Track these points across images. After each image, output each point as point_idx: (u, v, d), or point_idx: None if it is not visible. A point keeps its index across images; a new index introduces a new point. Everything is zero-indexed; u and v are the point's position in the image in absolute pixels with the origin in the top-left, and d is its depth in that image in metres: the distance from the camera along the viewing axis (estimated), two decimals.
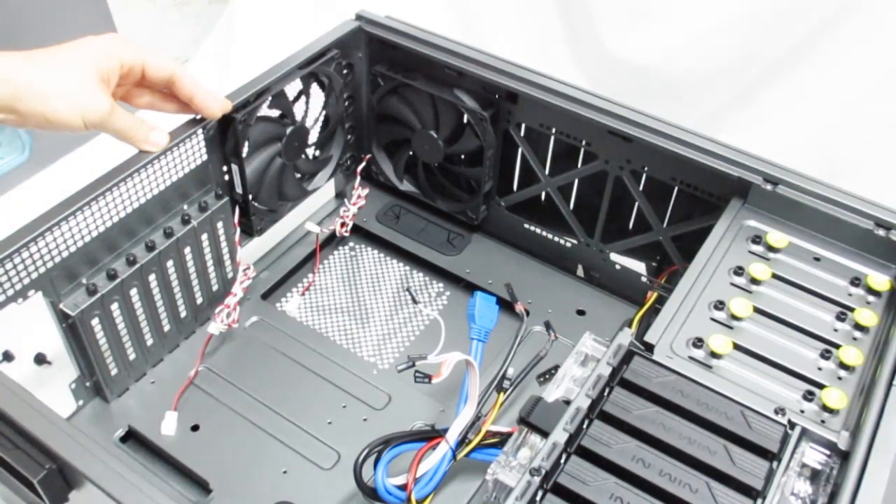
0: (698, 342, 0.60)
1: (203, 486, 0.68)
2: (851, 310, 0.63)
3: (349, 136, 0.90)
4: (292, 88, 0.79)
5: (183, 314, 0.77)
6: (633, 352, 0.59)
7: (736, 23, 1.11)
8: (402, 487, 0.62)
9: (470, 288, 0.86)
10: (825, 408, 0.56)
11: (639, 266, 0.84)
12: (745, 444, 0.53)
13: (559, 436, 0.53)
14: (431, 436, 0.64)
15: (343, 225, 0.91)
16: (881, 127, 1.06)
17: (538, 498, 0.51)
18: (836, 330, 0.62)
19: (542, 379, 0.76)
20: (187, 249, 0.73)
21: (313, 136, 0.84)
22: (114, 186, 0.65)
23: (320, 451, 0.71)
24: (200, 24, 1.47)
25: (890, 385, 0.56)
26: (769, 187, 0.68)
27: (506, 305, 0.77)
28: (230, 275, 0.80)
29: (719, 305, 0.63)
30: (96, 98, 0.61)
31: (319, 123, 0.85)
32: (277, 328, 0.81)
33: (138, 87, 0.68)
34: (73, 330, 0.66)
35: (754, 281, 0.65)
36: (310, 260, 0.90)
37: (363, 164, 0.94)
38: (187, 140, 0.70)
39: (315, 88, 0.82)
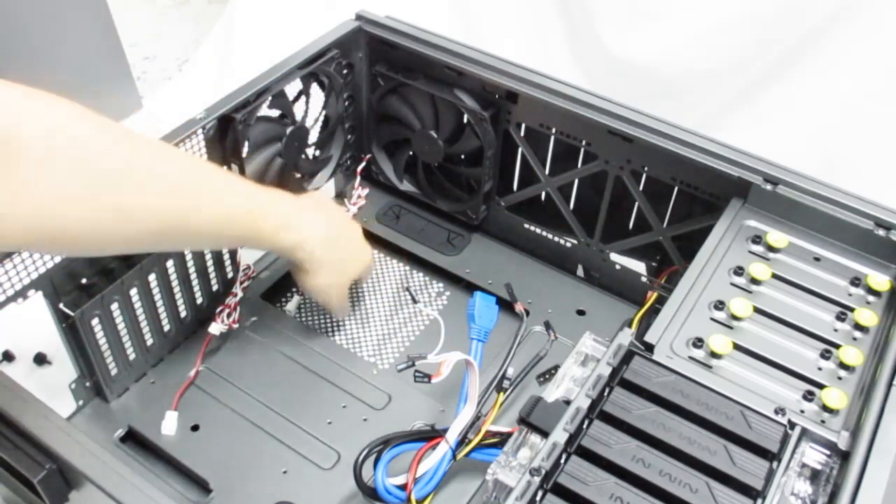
0: (698, 342, 0.60)
1: (203, 486, 0.68)
2: (851, 310, 0.63)
3: (349, 136, 0.90)
4: (292, 88, 0.79)
5: (183, 314, 0.77)
6: (633, 352, 0.59)
7: (736, 23, 1.11)
8: (402, 487, 0.62)
9: (470, 288, 0.86)
10: (825, 408, 0.56)
11: (639, 266, 0.83)
12: (745, 444, 0.53)
13: (559, 436, 0.53)
14: (431, 436, 0.64)
15: None
16: (881, 127, 1.06)
17: (538, 498, 0.51)
18: (836, 330, 0.62)
19: (542, 379, 0.76)
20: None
21: (313, 136, 0.84)
22: None
23: (320, 451, 0.71)
24: (200, 24, 1.47)
25: (890, 385, 0.56)
26: (769, 187, 0.68)
27: (506, 305, 0.77)
28: (230, 275, 0.80)
29: (719, 305, 0.63)
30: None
31: (319, 123, 0.85)
32: (277, 328, 0.81)
33: None
34: (73, 330, 0.66)
35: (754, 281, 0.65)
36: None
37: (363, 164, 0.94)
38: (187, 140, 0.69)
39: (315, 88, 0.82)
